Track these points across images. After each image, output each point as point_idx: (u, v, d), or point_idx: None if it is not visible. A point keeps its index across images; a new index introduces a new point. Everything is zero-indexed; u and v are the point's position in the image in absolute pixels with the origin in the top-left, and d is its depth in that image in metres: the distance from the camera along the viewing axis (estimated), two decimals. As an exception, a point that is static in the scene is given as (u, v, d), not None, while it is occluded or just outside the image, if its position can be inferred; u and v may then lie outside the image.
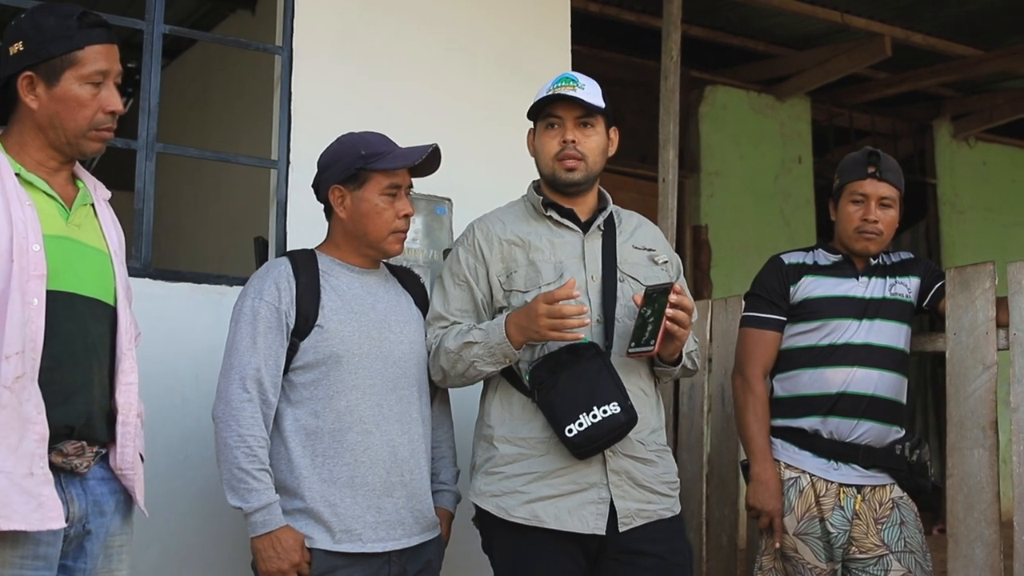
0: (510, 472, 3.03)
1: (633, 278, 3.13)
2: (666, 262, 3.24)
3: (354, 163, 3.04)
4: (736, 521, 4.29)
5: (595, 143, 3.13)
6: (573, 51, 4.59)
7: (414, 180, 3.16)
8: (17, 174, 2.45)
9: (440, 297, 3.15)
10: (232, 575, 3.39)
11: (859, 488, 3.47)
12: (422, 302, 3.25)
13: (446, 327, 3.11)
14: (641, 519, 3.01)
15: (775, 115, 7.86)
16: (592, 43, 6.49)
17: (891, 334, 3.53)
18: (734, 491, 4.26)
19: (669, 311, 2.90)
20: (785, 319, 3.61)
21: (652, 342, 2.89)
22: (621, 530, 2.98)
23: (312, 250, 3.14)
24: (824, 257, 3.66)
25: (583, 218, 3.18)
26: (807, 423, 3.50)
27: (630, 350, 2.96)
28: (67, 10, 2.52)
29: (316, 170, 3.15)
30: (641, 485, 3.03)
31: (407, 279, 3.29)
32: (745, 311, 3.72)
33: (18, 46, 2.49)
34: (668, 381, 3.34)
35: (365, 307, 3.05)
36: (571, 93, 3.08)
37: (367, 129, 3.20)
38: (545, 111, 3.13)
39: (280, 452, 2.94)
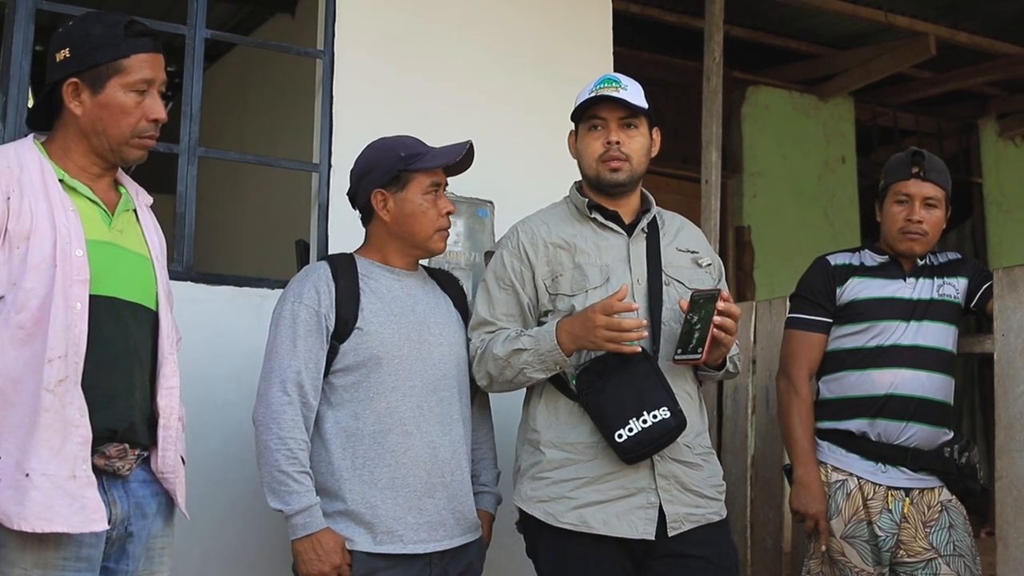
0: (557, 477, 3.01)
1: (678, 281, 3.11)
2: (709, 264, 3.22)
3: (395, 165, 3.05)
4: (781, 524, 4.25)
5: (639, 144, 3.11)
6: (614, 53, 4.57)
7: (451, 183, 3.18)
8: (61, 180, 2.48)
9: (485, 301, 3.13)
10: (274, 578, 3.39)
11: (907, 491, 3.43)
12: (461, 304, 3.25)
13: (492, 332, 3.09)
14: (690, 523, 2.99)
15: (818, 115, 7.79)
16: (633, 44, 6.46)
17: (939, 335, 3.49)
18: (779, 494, 4.23)
19: (717, 319, 2.88)
20: (831, 321, 3.58)
21: (700, 350, 2.87)
22: (670, 535, 2.96)
23: (351, 254, 3.15)
24: (871, 258, 3.62)
25: (627, 220, 3.16)
26: (854, 425, 3.46)
27: (676, 357, 2.94)
28: (114, 19, 2.54)
29: (350, 179, 3.16)
30: (689, 489, 3.01)
31: (445, 281, 3.29)
32: (790, 312, 3.69)
33: (64, 53, 2.51)
34: (710, 383, 3.31)
35: (405, 309, 3.06)
36: (614, 94, 3.06)
37: (407, 132, 3.21)
38: (588, 112, 3.11)
39: (321, 454, 2.95)
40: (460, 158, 3.08)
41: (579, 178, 3.22)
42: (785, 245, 7.39)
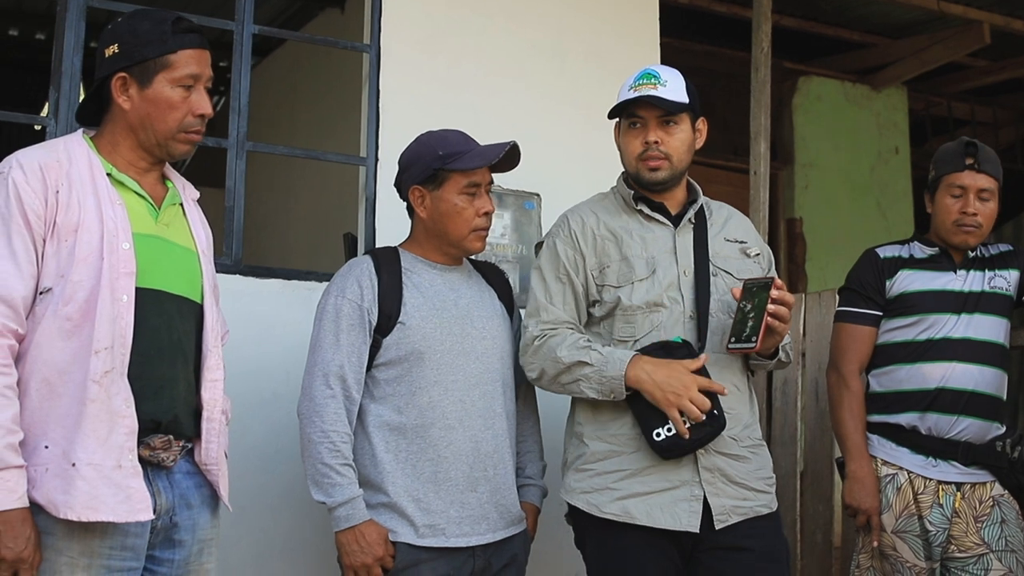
0: (601, 469, 3.01)
1: (726, 271, 3.09)
2: (758, 254, 3.19)
3: (432, 163, 3.04)
4: (831, 518, 4.23)
5: (679, 140, 3.07)
6: (662, 43, 4.55)
7: (498, 176, 3.15)
8: (108, 174, 2.51)
9: (542, 290, 3.11)
10: (321, 569, 3.41)
11: (959, 485, 3.40)
12: (506, 297, 3.25)
13: (553, 326, 3.05)
14: (737, 516, 2.97)
15: (871, 105, 7.70)
16: (682, 35, 6.42)
17: (990, 328, 3.44)
18: (829, 488, 4.20)
19: (771, 307, 2.85)
20: (881, 314, 3.55)
21: (754, 338, 2.85)
22: (717, 527, 2.94)
23: (395, 248, 3.16)
24: (920, 250, 3.57)
25: (673, 211, 3.14)
26: (905, 419, 3.43)
27: (730, 345, 2.92)
28: (162, 15, 2.58)
29: (398, 169, 3.17)
30: (735, 482, 2.99)
31: (491, 274, 3.29)
32: (840, 306, 3.66)
33: (113, 48, 2.55)
34: (762, 373, 3.28)
35: (447, 303, 3.06)
36: (652, 92, 3.02)
37: (454, 126, 3.20)
38: (628, 110, 3.09)
39: (364, 447, 2.96)
40: (502, 157, 3.05)
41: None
42: (837, 237, 7.32)
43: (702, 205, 3.18)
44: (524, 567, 3.15)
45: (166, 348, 2.49)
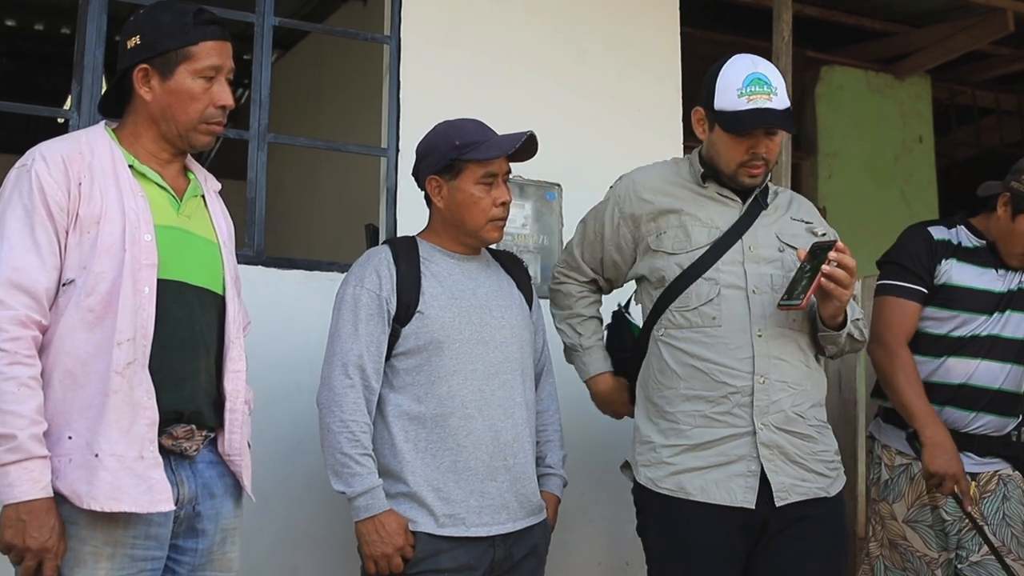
0: (659, 442, 3.01)
1: (792, 247, 3.03)
2: (824, 235, 3.11)
3: (449, 153, 3.03)
4: (855, 508, 4.22)
5: (778, 144, 3.03)
6: (682, 33, 4.54)
7: (518, 166, 3.14)
8: (130, 166, 2.53)
9: (579, 239, 3.28)
10: (344, 558, 3.43)
11: (974, 475, 3.38)
12: (525, 286, 3.24)
13: (576, 280, 3.29)
14: (797, 495, 2.92)
15: (894, 94, 7.67)
16: (702, 24, 6.40)
17: (1018, 326, 3.41)
18: (851, 478, 4.19)
19: (825, 267, 2.79)
20: (927, 292, 3.45)
21: (801, 295, 2.79)
22: (778, 504, 2.89)
23: (413, 237, 3.16)
24: (967, 238, 3.49)
25: (741, 191, 3.09)
26: None
27: (781, 302, 2.88)
28: (183, 7, 2.59)
29: (415, 159, 3.17)
30: (794, 461, 2.93)
31: (510, 263, 3.28)
32: (886, 279, 3.54)
33: (135, 40, 2.56)
34: (835, 353, 3.14)
35: (466, 292, 3.05)
36: (767, 105, 2.91)
37: (475, 117, 3.19)
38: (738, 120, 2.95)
39: (383, 437, 2.96)
40: (520, 147, 3.03)
41: (673, 155, 3.17)
42: (861, 227, 7.28)
43: (767, 186, 3.14)
44: (544, 557, 3.14)
45: (188, 340, 2.50)
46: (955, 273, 3.44)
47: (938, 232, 3.52)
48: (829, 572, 2.96)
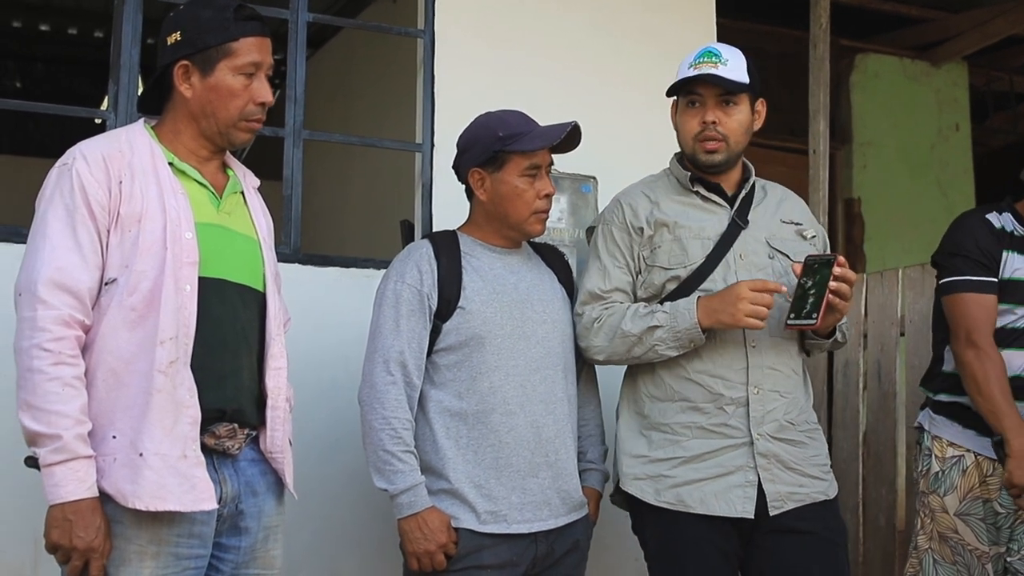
0: (655, 456, 3.01)
1: (782, 253, 3.06)
2: (814, 236, 3.16)
3: (492, 145, 3.01)
4: (894, 501, 4.18)
5: (737, 122, 3.04)
6: (717, 24, 4.51)
7: (556, 157, 3.12)
8: (170, 163, 2.53)
9: (600, 275, 3.09)
10: (384, 555, 3.43)
11: None
12: (566, 279, 3.23)
13: (608, 306, 3.05)
14: (793, 502, 2.95)
15: (930, 82, 7.58)
16: (736, 15, 6.36)
17: None
18: (891, 470, 4.16)
19: (833, 284, 2.82)
20: (998, 283, 3.34)
21: (814, 315, 2.81)
22: (772, 514, 2.93)
23: (454, 231, 3.14)
24: (1012, 224, 3.41)
25: (730, 192, 3.11)
26: (968, 400, 3.34)
27: (789, 322, 2.88)
28: (223, 3, 2.59)
29: (456, 151, 3.14)
30: (790, 468, 2.97)
31: (550, 256, 3.26)
32: (957, 275, 3.38)
33: (175, 36, 2.56)
34: (817, 353, 3.25)
35: (507, 287, 3.04)
36: (712, 71, 2.99)
37: (509, 108, 3.18)
38: (686, 88, 3.05)
39: (425, 433, 2.95)
40: (563, 138, 3.01)
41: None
42: (897, 217, 7.24)
43: (755, 185, 3.15)
44: (586, 552, 3.13)
45: (230, 337, 2.50)
46: (1014, 265, 3.34)
47: (994, 219, 3.42)
48: (830, 572, 2.98)
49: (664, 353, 2.96)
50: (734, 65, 3.02)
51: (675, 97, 3.14)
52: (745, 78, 3.02)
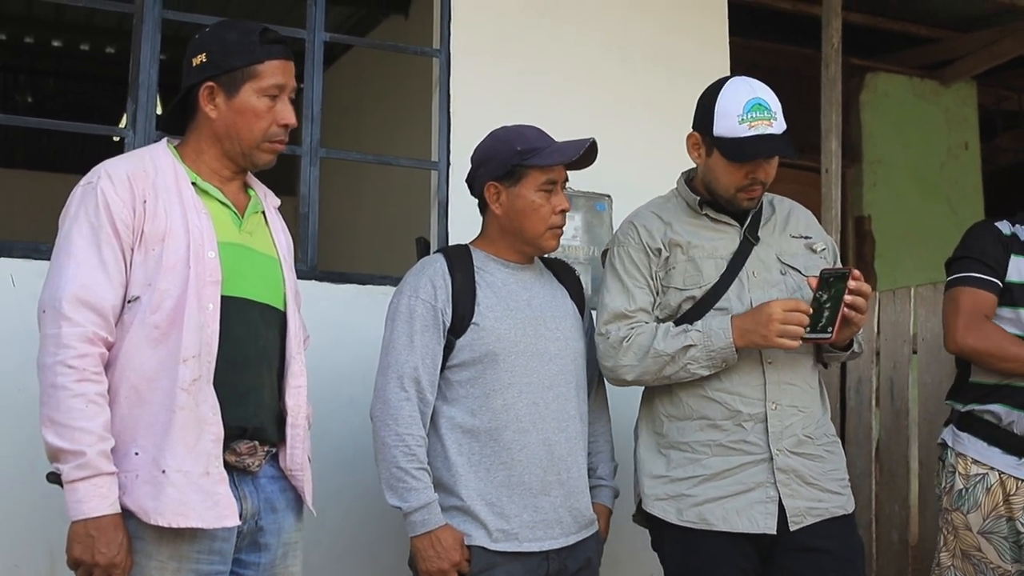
0: (676, 476, 3.01)
1: (794, 268, 3.07)
2: (824, 249, 3.15)
3: (510, 159, 3.00)
4: (907, 517, 4.18)
5: (775, 167, 3.01)
6: (730, 42, 4.53)
7: (570, 175, 3.12)
8: (193, 183, 2.55)
9: (622, 296, 3.05)
10: (398, 572, 3.42)
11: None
12: (578, 296, 3.22)
13: (634, 326, 3.03)
14: (812, 517, 2.95)
15: (939, 101, 7.60)
16: (747, 33, 6.39)
17: None
18: (904, 487, 4.16)
19: (848, 297, 2.83)
20: (1001, 287, 3.34)
21: (830, 328, 2.82)
22: (792, 529, 2.93)
23: (467, 246, 3.13)
24: None
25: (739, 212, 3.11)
26: (1001, 410, 3.31)
27: (806, 335, 2.87)
28: (248, 26, 2.62)
29: (471, 165, 3.14)
30: (809, 483, 2.97)
31: (562, 272, 3.25)
32: (957, 272, 3.40)
33: (201, 58, 2.59)
34: (835, 364, 3.24)
35: (520, 303, 3.02)
36: (769, 131, 2.91)
37: (524, 127, 3.19)
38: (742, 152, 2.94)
39: (437, 450, 2.93)
40: (581, 155, 3.00)
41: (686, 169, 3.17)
42: (907, 234, 7.25)
43: (762, 202, 3.13)
44: (598, 569, 3.12)
45: (252, 356, 2.52)
46: (1016, 270, 3.38)
47: (1005, 227, 3.44)
48: None
49: (696, 372, 2.96)
50: (780, 116, 2.96)
51: (694, 132, 3.06)
52: (785, 124, 2.96)
